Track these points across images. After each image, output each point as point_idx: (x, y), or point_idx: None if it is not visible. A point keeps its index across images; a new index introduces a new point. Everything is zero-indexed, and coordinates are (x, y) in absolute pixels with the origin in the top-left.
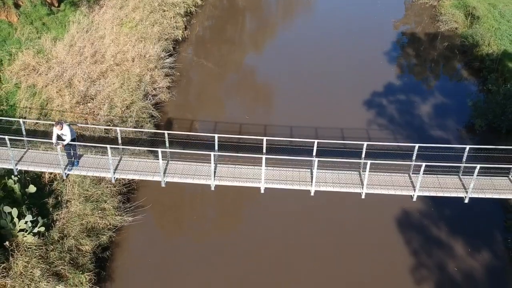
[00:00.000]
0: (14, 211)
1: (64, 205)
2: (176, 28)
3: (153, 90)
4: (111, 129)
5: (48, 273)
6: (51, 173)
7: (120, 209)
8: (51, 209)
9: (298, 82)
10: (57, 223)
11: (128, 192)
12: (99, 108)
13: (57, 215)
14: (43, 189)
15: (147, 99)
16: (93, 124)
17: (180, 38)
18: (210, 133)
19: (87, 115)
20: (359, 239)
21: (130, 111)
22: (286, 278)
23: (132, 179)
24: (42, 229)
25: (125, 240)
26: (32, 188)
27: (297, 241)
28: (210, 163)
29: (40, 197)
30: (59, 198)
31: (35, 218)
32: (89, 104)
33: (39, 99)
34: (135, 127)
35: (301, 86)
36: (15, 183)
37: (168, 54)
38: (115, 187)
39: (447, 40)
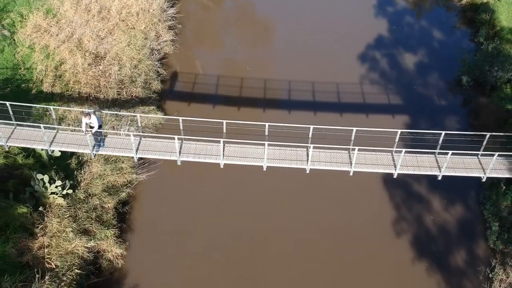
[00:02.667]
0: (46, 177)
1: (86, 166)
2: None
3: (158, 45)
4: (123, 91)
5: (78, 230)
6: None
7: (136, 167)
8: (75, 172)
9: (296, 27)
10: (81, 184)
11: None
12: (110, 68)
13: (80, 176)
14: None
15: (152, 55)
16: (106, 86)
17: None
18: (214, 87)
19: (99, 77)
20: (347, 199)
21: (138, 70)
22: (280, 225)
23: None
24: (70, 191)
25: (142, 194)
26: (57, 153)
27: (292, 192)
28: (220, 143)
29: (63, 158)
30: (80, 159)
31: (63, 182)
32: (100, 67)
33: (52, 61)
34: (143, 88)
35: (298, 31)
36: (42, 149)
37: (170, 3)
38: None
39: None
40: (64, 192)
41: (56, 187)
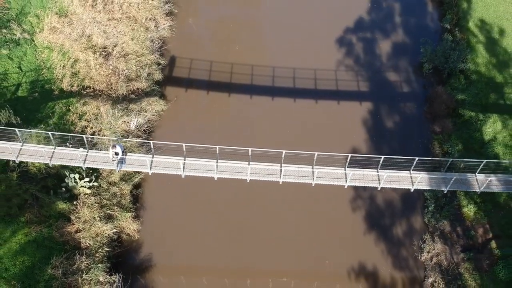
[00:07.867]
0: (77, 176)
1: None
2: None
3: (157, 33)
4: (130, 87)
5: (104, 217)
6: (91, 128)
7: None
8: None
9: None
10: (103, 174)
11: (148, 134)
12: (118, 64)
13: (102, 168)
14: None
15: (153, 44)
16: (116, 83)
17: None
18: (207, 72)
19: (109, 76)
20: (310, 198)
21: (141, 63)
22: (260, 213)
23: (149, 121)
24: (96, 184)
25: (151, 176)
26: None
27: (268, 196)
28: (215, 160)
29: None
30: None
31: (90, 177)
32: (110, 67)
33: (68, 60)
34: (147, 80)
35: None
36: None
37: None
38: (139, 136)
39: None
40: (91, 184)
41: (85, 182)
